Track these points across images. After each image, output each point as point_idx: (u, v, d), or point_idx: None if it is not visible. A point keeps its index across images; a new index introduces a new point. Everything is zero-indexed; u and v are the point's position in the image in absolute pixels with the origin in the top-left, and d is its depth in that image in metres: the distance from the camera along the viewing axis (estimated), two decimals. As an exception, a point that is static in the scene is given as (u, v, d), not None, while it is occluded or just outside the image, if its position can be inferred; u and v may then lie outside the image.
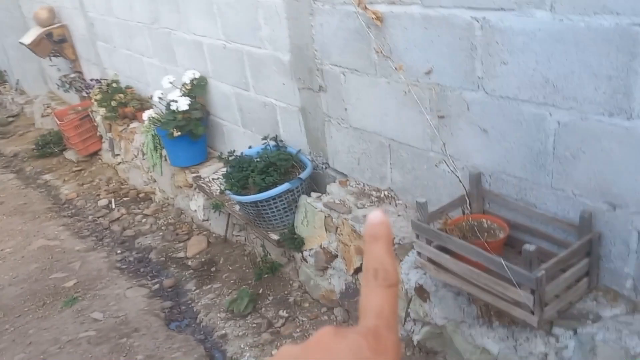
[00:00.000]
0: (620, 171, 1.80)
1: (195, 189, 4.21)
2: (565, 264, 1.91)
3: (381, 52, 2.46)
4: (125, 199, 5.20)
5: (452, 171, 2.35)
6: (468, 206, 2.29)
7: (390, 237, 0.41)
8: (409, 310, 2.58)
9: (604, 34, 1.67)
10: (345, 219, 2.81)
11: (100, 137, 6.02)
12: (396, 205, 2.80)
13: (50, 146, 6.59)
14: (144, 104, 5.07)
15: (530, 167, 2.07)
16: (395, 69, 2.42)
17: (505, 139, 2.12)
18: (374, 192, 2.93)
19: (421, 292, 2.44)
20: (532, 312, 1.84)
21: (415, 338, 2.58)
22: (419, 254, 2.27)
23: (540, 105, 1.94)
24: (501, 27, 1.95)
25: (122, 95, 5.18)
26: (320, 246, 3.05)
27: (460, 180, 2.25)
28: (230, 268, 3.74)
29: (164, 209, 4.81)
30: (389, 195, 2.87)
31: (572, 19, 1.73)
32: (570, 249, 1.90)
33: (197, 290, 3.62)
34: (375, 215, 0.40)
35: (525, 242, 2.01)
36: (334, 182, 3.16)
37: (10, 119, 8.51)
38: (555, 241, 2.10)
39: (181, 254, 4.10)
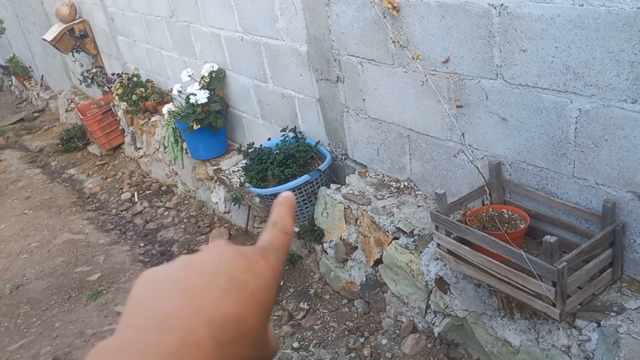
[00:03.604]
0: (644, 159, 1.75)
1: (216, 181, 4.23)
2: (587, 255, 1.87)
3: (398, 42, 2.43)
4: (147, 192, 5.25)
5: (471, 161, 2.31)
6: (488, 196, 2.26)
7: (293, 207, 0.52)
8: (429, 302, 2.56)
9: (626, 19, 1.61)
10: (364, 210, 2.79)
11: (123, 131, 6.08)
12: (416, 196, 2.77)
13: (74, 140, 6.69)
14: (164, 97, 5.10)
15: (552, 156, 2.03)
16: (413, 58, 2.38)
17: (525, 127, 2.08)
18: (394, 183, 2.90)
19: (441, 284, 2.41)
20: (554, 305, 1.81)
21: (436, 330, 2.56)
22: (438, 245, 2.25)
23: (561, 92, 1.89)
24: (519, 14, 1.90)
25: (142, 89, 5.22)
26: (340, 238, 3.04)
27: (479, 170, 2.21)
28: (252, 260, 3.75)
29: (185, 202, 4.85)
30: (409, 185, 2.84)
31: (593, 3, 1.68)
32: (593, 240, 1.86)
33: (219, 283, 3.64)
34: (285, 193, 0.52)
35: (547, 232, 1.98)
36: (353, 173, 3.14)
37: (36, 114, 8.66)
38: (577, 231, 2.06)
39: (203, 247, 4.12)
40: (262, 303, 0.42)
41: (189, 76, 4.02)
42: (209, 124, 3.96)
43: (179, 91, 4.06)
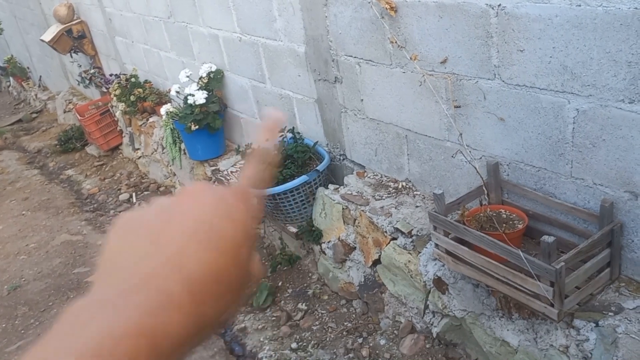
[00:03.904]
0: (641, 159, 1.75)
1: (214, 182, 4.23)
2: (585, 255, 1.87)
3: (396, 42, 2.43)
4: (145, 192, 5.25)
5: (469, 161, 2.31)
6: (486, 197, 2.26)
7: (278, 131, 0.51)
8: (427, 302, 2.56)
9: (623, 19, 1.62)
10: (362, 211, 2.79)
11: (121, 131, 6.08)
12: (414, 197, 2.77)
13: (72, 141, 6.68)
14: (162, 98, 5.10)
15: (549, 156, 2.03)
16: (410, 58, 2.38)
17: (523, 128, 2.08)
18: (392, 183, 2.90)
19: (439, 284, 2.41)
20: (552, 305, 1.81)
21: (435, 330, 2.56)
22: (436, 245, 2.25)
23: (559, 92, 1.89)
24: (517, 14, 1.90)
25: (140, 90, 5.21)
26: (339, 238, 3.04)
27: (477, 171, 2.21)
28: (250, 261, 3.74)
29: (184, 203, 4.84)
30: (407, 186, 2.84)
31: (590, 3, 1.68)
32: (590, 240, 1.86)
33: (217, 283, 3.64)
34: (272, 112, 0.51)
35: (545, 232, 1.98)
36: (352, 173, 3.14)
37: (34, 115, 8.66)
38: (575, 231, 2.06)
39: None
40: (242, 251, 0.41)
41: (187, 77, 4.02)
42: (207, 124, 3.96)
43: (177, 92, 4.06)
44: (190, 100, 3.86)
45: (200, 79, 4.01)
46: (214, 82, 4.02)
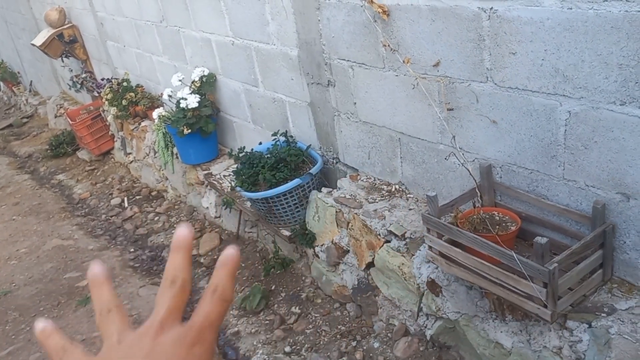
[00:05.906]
0: (633, 161, 1.77)
1: (206, 186, 4.22)
2: (578, 256, 1.88)
3: (388, 46, 2.44)
4: (137, 197, 5.23)
5: (462, 164, 2.32)
6: (479, 199, 2.27)
7: (236, 267, 0.50)
8: (421, 305, 2.56)
9: (614, 22, 1.63)
10: (356, 213, 2.79)
11: (112, 136, 6.05)
12: (407, 199, 2.78)
13: (63, 146, 6.64)
14: (154, 102, 5.08)
15: (542, 158, 2.04)
16: (403, 62, 2.39)
17: (515, 130, 2.09)
18: (385, 186, 2.91)
19: (433, 287, 2.42)
20: (545, 306, 1.82)
21: (428, 333, 2.56)
22: (430, 248, 2.25)
23: (551, 95, 1.91)
24: (509, 17, 1.92)
25: (132, 94, 5.20)
26: (332, 241, 3.04)
27: (470, 173, 2.22)
28: (243, 265, 3.74)
29: (176, 207, 4.83)
30: (400, 189, 2.85)
31: (581, 6, 1.70)
32: (583, 241, 1.87)
33: (210, 288, 3.63)
34: (229, 250, 0.50)
35: (538, 234, 1.99)
36: (345, 176, 3.15)
37: (25, 120, 8.60)
38: (568, 233, 2.07)
39: (193, 252, 4.11)
40: None
41: (180, 81, 4.01)
42: (200, 128, 3.95)
43: (170, 96, 4.05)
44: (183, 104, 3.85)
45: (192, 82, 4.01)
46: (206, 86, 4.01)
